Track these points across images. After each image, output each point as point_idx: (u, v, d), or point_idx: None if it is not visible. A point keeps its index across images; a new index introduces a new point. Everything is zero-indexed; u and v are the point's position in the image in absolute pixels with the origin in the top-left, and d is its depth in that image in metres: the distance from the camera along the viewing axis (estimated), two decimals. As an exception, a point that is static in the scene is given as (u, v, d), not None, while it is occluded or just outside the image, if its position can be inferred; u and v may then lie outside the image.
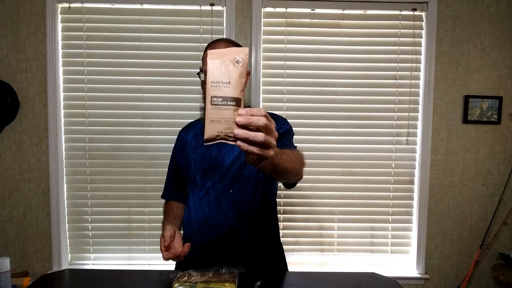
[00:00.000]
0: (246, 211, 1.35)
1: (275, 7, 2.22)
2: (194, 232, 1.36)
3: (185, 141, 1.46)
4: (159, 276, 1.31)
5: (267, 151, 0.74)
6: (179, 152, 1.47)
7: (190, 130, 1.49)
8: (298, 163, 1.09)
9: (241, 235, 1.35)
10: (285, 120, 1.43)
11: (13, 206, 2.24)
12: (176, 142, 1.52)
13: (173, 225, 1.31)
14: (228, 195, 1.34)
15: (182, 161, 1.45)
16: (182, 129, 1.53)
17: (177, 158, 1.49)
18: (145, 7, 2.20)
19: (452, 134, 2.29)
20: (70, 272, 1.45)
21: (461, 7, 2.24)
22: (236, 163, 1.34)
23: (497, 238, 2.33)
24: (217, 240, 1.34)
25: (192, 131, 1.47)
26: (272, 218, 1.47)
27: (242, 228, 1.35)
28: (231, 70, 0.75)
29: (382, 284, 1.30)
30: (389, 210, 2.32)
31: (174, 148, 1.52)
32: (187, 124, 1.55)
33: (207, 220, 1.34)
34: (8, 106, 2.14)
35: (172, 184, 1.53)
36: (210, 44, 1.37)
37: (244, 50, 0.77)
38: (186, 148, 1.44)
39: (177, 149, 1.49)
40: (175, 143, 1.52)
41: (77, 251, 2.31)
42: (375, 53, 2.26)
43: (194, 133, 1.45)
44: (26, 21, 2.16)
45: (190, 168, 1.40)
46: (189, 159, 1.41)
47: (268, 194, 1.41)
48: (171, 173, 1.53)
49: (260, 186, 1.37)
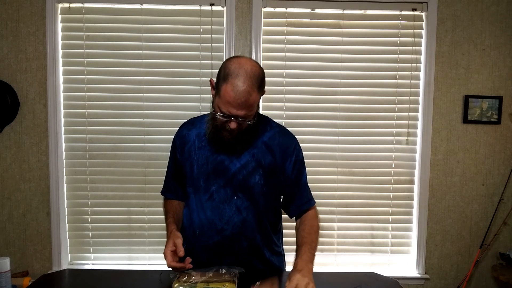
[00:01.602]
0: (249, 218, 1.32)
1: (275, 7, 2.22)
2: (196, 235, 1.34)
3: (187, 140, 1.38)
4: (159, 276, 1.31)
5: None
6: (180, 149, 1.40)
7: (192, 128, 1.40)
8: (317, 234, 1.34)
9: (243, 241, 1.33)
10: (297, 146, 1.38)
11: (13, 206, 2.24)
12: (176, 137, 1.43)
13: (178, 229, 1.30)
14: (232, 201, 1.31)
15: (183, 160, 1.40)
16: (184, 126, 1.44)
17: (177, 155, 1.42)
18: (145, 7, 2.20)
19: (452, 134, 2.29)
20: (70, 272, 1.45)
21: (461, 7, 2.24)
22: (242, 172, 1.31)
23: (497, 238, 2.33)
24: (218, 245, 1.32)
25: (195, 130, 1.39)
26: (276, 226, 1.45)
27: (244, 235, 1.33)
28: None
29: (382, 284, 1.30)
30: (389, 210, 2.32)
31: (174, 144, 1.44)
32: (188, 120, 1.46)
33: (210, 224, 1.32)
34: (8, 106, 2.14)
35: (172, 181, 1.47)
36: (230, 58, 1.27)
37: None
38: (188, 147, 1.38)
39: (178, 145, 1.41)
40: (175, 138, 1.43)
41: (77, 251, 2.31)
42: (375, 53, 2.26)
43: (198, 133, 1.38)
44: (26, 21, 2.16)
45: (193, 169, 1.35)
46: (191, 160, 1.36)
47: (272, 204, 1.39)
48: (171, 169, 1.47)
49: (264, 197, 1.34)
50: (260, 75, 1.22)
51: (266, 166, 1.31)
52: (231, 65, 1.20)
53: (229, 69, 1.19)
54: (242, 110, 1.19)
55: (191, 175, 1.36)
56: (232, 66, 1.20)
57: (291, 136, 1.39)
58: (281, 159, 1.33)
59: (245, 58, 1.25)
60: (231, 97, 1.16)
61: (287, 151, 1.34)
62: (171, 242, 1.22)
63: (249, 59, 1.25)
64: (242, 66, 1.19)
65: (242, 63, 1.20)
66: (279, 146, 1.34)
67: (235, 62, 1.21)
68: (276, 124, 1.41)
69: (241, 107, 1.18)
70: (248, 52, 2.21)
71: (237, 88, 1.16)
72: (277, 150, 1.33)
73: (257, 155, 1.31)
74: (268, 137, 1.34)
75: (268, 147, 1.33)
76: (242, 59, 1.23)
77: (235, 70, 1.18)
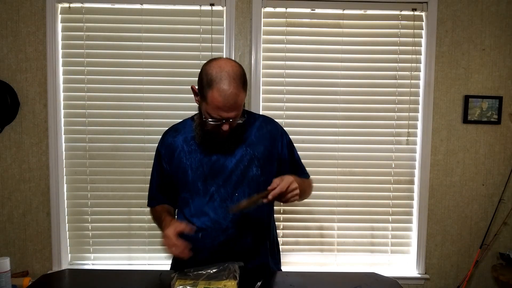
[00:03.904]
0: (252, 213, 1.35)
1: (275, 7, 2.22)
2: (198, 239, 1.33)
3: (175, 147, 1.37)
4: (159, 276, 1.31)
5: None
6: (167, 158, 1.38)
7: (177, 135, 1.39)
8: (310, 190, 1.47)
9: (248, 237, 1.35)
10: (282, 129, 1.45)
11: (13, 206, 2.24)
12: (160, 147, 1.41)
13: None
14: (234, 198, 1.32)
15: (172, 168, 1.37)
16: (167, 134, 1.42)
17: (163, 165, 1.39)
18: (145, 7, 2.20)
19: (452, 134, 2.29)
20: (70, 272, 1.45)
21: (461, 7, 2.24)
22: (240, 167, 1.33)
23: (497, 238, 2.33)
24: (224, 244, 1.33)
25: (180, 136, 1.38)
26: (273, 219, 1.50)
27: (249, 230, 1.35)
28: None
29: (382, 284, 1.30)
30: (389, 210, 2.32)
31: (158, 153, 1.41)
32: (170, 128, 1.44)
33: (214, 225, 1.32)
34: (8, 106, 2.14)
35: (158, 192, 1.44)
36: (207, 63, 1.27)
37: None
38: (177, 154, 1.36)
39: (163, 154, 1.39)
40: (159, 148, 1.41)
41: (77, 251, 2.31)
42: (375, 53, 2.26)
43: (184, 138, 1.37)
44: (26, 21, 2.16)
45: (187, 175, 1.34)
46: (183, 166, 1.35)
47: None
48: (156, 180, 1.44)
49: (262, 189, 1.36)
50: (242, 74, 1.24)
51: (260, 156, 1.35)
52: (212, 69, 1.21)
53: (211, 75, 1.20)
54: (233, 111, 1.21)
55: (185, 181, 1.35)
56: (213, 71, 1.20)
57: (274, 122, 1.46)
58: (272, 146, 1.39)
59: (223, 59, 1.26)
60: (220, 102, 1.18)
61: (276, 137, 1.40)
62: (174, 225, 1.21)
63: (227, 59, 1.27)
64: (223, 69, 1.20)
65: (223, 66, 1.21)
66: (268, 134, 1.39)
67: (215, 66, 1.21)
68: (257, 115, 1.47)
69: (231, 110, 1.20)
70: (248, 52, 2.21)
71: (224, 92, 1.18)
72: (267, 138, 1.38)
73: (250, 147, 1.35)
74: (256, 127, 1.39)
75: (258, 138, 1.37)
76: (220, 61, 1.24)
77: (218, 75, 1.19)
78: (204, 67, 1.25)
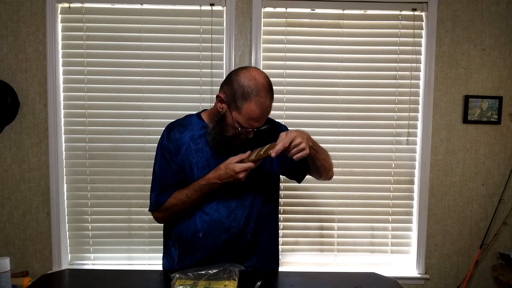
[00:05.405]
0: (254, 212, 1.36)
1: (275, 7, 2.22)
2: (199, 239, 1.33)
3: (182, 143, 1.34)
4: (159, 276, 1.31)
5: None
6: (173, 153, 1.35)
7: (184, 131, 1.36)
8: (329, 158, 1.40)
9: (249, 236, 1.36)
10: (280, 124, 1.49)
11: (13, 206, 2.24)
12: (167, 141, 1.36)
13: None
14: (237, 198, 1.34)
15: (177, 164, 1.35)
16: (174, 129, 1.38)
17: (168, 159, 1.35)
18: (145, 7, 2.20)
19: (452, 134, 2.29)
20: (70, 272, 1.45)
21: (461, 7, 2.24)
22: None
23: (497, 238, 2.33)
24: (226, 243, 1.34)
25: (187, 132, 1.36)
26: (276, 217, 1.50)
27: (250, 229, 1.36)
28: None
29: (382, 284, 1.30)
30: (389, 210, 2.32)
31: (166, 148, 1.36)
32: (175, 123, 1.41)
33: (216, 224, 1.32)
34: (8, 106, 2.14)
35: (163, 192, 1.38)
36: (238, 73, 1.25)
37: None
38: (183, 150, 1.34)
39: (172, 149, 1.35)
40: (166, 143, 1.36)
41: (77, 251, 2.31)
42: (375, 53, 2.26)
43: (191, 135, 1.35)
44: (26, 21, 2.16)
45: (193, 172, 1.33)
46: (190, 163, 1.34)
47: (272, 194, 1.44)
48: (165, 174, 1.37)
49: (265, 188, 1.39)
50: (271, 84, 1.27)
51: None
52: (247, 81, 1.21)
53: (247, 87, 1.20)
54: (263, 121, 1.26)
55: (190, 178, 1.34)
56: (248, 83, 1.21)
57: (281, 125, 1.49)
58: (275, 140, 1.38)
59: (253, 69, 1.26)
60: (257, 114, 1.22)
61: (276, 130, 1.38)
62: (227, 160, 1.25)
63: (256, 70, 1.27)
64: (258, 81, 1.22)
65: (257, 78, 1.22)
66: (270, 131, 1.37)
67: (250, 78, 1.22)
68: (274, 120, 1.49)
69: (263, 120, 1.26)
70: (248, 52, 2.21)
71: (262, 105, 1.21)
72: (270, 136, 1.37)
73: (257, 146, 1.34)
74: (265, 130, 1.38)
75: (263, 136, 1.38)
76: (252, 71, 1.25)
77: (254, 87, 1.21)
78: (236, 78, 1.24)
